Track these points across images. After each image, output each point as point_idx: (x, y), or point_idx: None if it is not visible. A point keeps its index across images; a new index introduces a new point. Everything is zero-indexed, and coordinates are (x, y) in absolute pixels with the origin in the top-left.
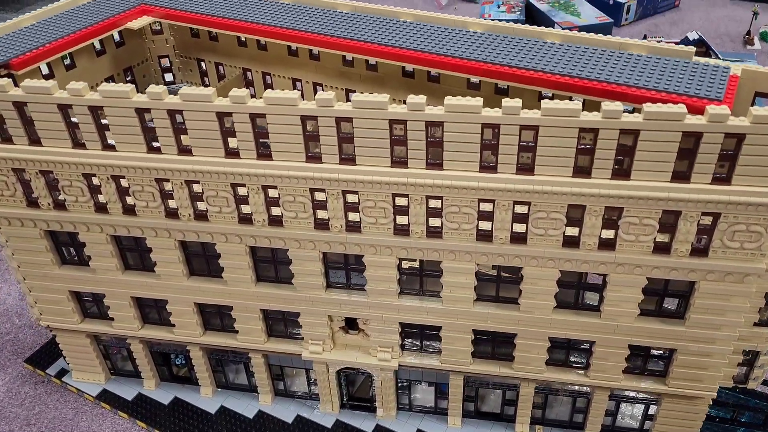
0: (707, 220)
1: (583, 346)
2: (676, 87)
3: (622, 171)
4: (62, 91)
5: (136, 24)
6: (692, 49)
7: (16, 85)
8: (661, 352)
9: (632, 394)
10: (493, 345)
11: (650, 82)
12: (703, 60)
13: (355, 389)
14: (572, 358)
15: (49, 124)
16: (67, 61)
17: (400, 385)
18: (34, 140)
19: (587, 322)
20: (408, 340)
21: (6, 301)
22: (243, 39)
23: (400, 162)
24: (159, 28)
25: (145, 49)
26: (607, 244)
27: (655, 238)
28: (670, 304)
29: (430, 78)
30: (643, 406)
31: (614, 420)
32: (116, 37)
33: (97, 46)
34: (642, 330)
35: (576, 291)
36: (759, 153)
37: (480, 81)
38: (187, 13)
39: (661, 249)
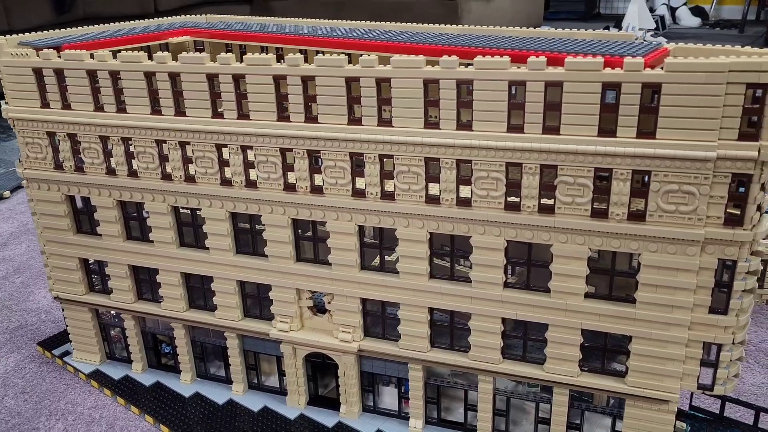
0: (640, 180)
1: (537, 336)
2: (602, 51)
3: (551, 127)
4: (92, 59)
5: (175, 40)
6: (632, 34)
7: None
8: (619, 347)
9: (596, 404)
10: (451, 333)
11: (577, 49)
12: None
13: (326, 390)
14: (528, 353)
15: (78, 89)
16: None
17: (365, 386)
18: (66, 105)
19: (537, 301)
20: (371, 326)
21: (40, 302)
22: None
23: (357, 120)
24: (202, 46)
25: None
26: (546, 209)
27: (592, 200)
28: (622, 291)
29: None
30: (610, 419)
31: None
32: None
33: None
34: (593, 311)
35: (526, 269)
36: (677, 104)
37: None
38: (218, 31)
39: (599, 213)
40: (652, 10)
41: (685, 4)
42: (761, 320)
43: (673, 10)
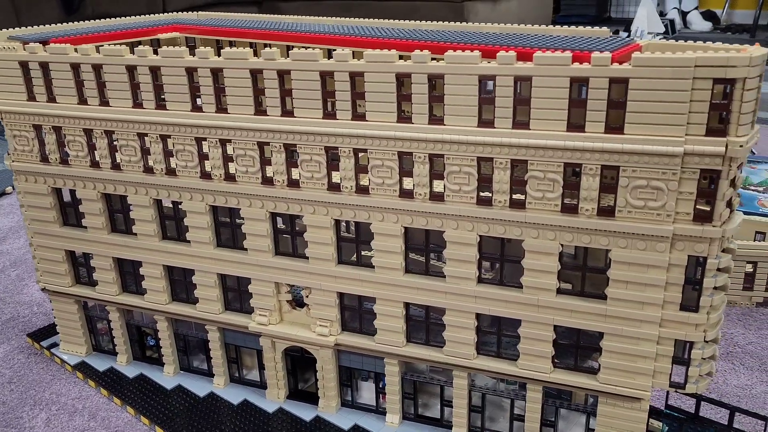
0: (609, 176)
1: (511, 332)
2: (571, 47)
3: (521, 122)
4: (75, 53)
5: (164, 36)
6: (606, 29)
7: None
8: (593, 344)
9: (574, 402)
10: (427, 328)
11: (549, 45)
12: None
13: (306, 385)
14: (503, 349)
15: (62, 82)
16: None
17: (343, 380)
18: (51, 98)
19: (510, 296)
20: (349, 320)
21: (33, 295)
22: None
23: (332, 114)
24: (194, 43)
25: None
26: (518, 204)
27: (562, 195)
28: (594, 288)
29: None
30: (584, 416)
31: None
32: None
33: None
34: (564, 307)
35: (499, 264)
36: (645, 99)
37: None
38: (208, 28)
39: (569, 209)
40: (662, 14)
41: (696, 8)
42: (749, 322)
43: (684, 14)
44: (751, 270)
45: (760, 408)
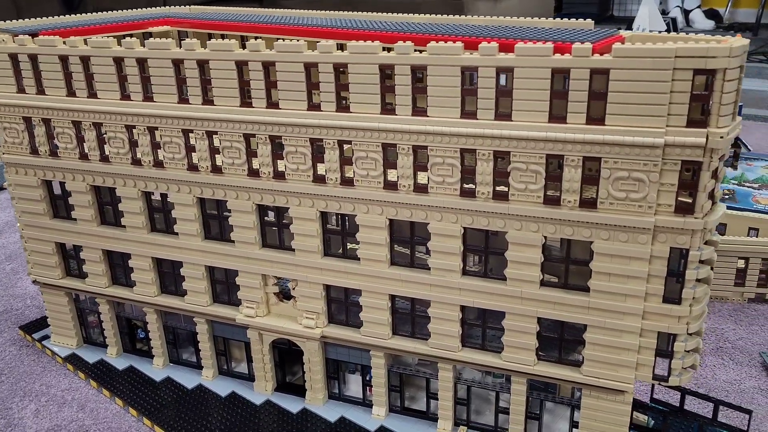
0: (591, 167)
1: (495, 324)
2: (554, 38)
3: (504, 113)
4: (64, 45)
5: (156, 30)
6: (591, 21)
7: None
8: (577, 336)
9: (561, 395)
10: (412, 320)
11: (532, 36)
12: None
13: (294, 378)
14: (488, 342)
15: (51, 74)
16: None
17: (330, 373)
18: (40, 90)
19: (494, 288)
20: (336, 313)
21: (27, 288)
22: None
23: (317, 106)
24: (186, 37)
25: None
26: (501, 195)
27: (544, 187)
28: (577, 281)
29: None
30: (567, 409)
31: (540, 426)
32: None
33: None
34: (548, 299)
35: (484, 256)
36: (626, 89)
37: None
38: (198, 21)
39: (552, 200)
40: (664, 12)
41: (698, 6)
42: (740, 318)
43: (686, 13)
44: (743, 266)
45: (748, 403)
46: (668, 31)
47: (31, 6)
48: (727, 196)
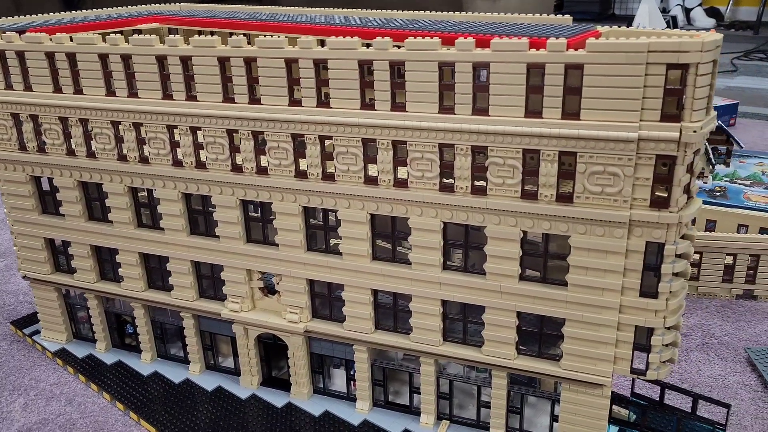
0: (567, 162)
1: (476, 319)
2: (532, 34)
3: (481, 108)
4: (50, 42)
5: (145, 27)
6: (569, 17)
7: None
8: (556, 330)
9: (543, 390)
10: (395, 315)
11: (509, 32)
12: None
13: (280, 372)
14: (469, 336)
15: (38, 71)
16: None
17: (315, 367)
18: (27, 87)
19: (474, 283)
20: (320, 308)
21: (20, 284)
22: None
23: (298, 101)
24: (176, 34)
25: None
26: (479, 190)
27: (521, 181)
28: (556, 276)
29: None
30: (549, 403)
31: (521, 420)
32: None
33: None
34: (527, 294)
35: (464, 250)
36: (600, 84)
37: None
38: (188, 18)
39: (529, 195)
40: (665, 10)
41: (700, 4)
42: (727, 314)
43: (687, 11)
44: (731, 262)
45: (732, 398)
46: (669, 29)
47: (30, 3)
48: (718, 193)
